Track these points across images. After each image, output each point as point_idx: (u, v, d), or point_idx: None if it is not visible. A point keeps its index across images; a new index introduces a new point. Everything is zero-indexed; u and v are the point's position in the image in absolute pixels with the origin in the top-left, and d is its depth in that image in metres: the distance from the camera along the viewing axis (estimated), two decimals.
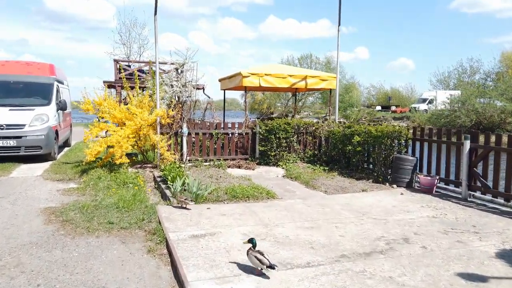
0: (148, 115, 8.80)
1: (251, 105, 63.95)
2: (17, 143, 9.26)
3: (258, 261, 3.38)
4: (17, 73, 10.72)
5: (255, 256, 3.41)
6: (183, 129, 9.29)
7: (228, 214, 5.46)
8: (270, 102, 65.82)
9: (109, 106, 8.92)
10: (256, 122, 9.92)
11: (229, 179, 7.88)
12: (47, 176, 8.28)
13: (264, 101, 69.78)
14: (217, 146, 9.82)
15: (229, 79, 11.70)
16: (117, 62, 20.26)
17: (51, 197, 6.63)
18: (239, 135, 9.96)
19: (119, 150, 8.29)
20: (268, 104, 68.89)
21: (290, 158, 9.77)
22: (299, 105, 64.53)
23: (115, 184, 7.40)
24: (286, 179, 8.23)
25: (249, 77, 10.30)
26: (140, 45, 28.71)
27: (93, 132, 8.63)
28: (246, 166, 9.38)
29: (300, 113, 54.22)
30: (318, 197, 6.62)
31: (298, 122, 9.95)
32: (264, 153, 9.78)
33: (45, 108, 10.06)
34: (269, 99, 68.38)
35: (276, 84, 10.60)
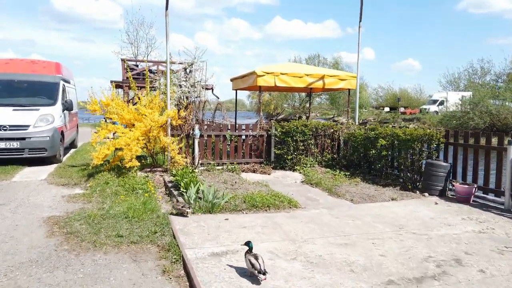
0: (158, 116, 8.29)
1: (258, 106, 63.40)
2: (20, 145, 8.81)
3: (251, 265, 3.37)
4: (21, 72, 10.28)
5: (249, 260, 3.41)
6: (195, 131, 8.78)
7: (249, 227, 4.92)
8: (277, 103, 65.26)
9: (117, 106, 8.43)
10: (271, 123, 9.38)
11: (245, 185, 7.34)
12: (51, 181, 7.80)
13: (271, 102, 69.25)
14: (231, 149, 9.28)
15: (241, 78, 11.17)
16: (125, 62, 19.85)
17: (55, 204, 6.14)
18: (253, 138, 9.42)
19: (129, 153, 7.79)
20: (275, 105, 68.36)
21: (307, 162, 9.21)
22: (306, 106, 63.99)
23: (123, 190, 6.90)
24: (305, 185, 7.67)
25: (264, 76, 9.76)
26: (147, 45, 28.35)
27: (101, 134, 8.14)
28: (261, 171, 8.84)
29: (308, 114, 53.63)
30: (345, 206, 6.06)
31: (316, 124, 9.39)
32: (279, 156, 9.24)
33: (51, 108, 9.60)
34: (275, 100, 67.82)
35: (292, 84, 10.05)
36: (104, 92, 8.54)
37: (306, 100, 68.76)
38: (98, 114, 8.67)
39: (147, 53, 27.93)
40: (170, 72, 8.90)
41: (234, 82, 12.23)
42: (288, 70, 10.08)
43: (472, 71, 54.78)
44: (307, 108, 63.15)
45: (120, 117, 8.44)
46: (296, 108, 64.00)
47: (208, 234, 4.59)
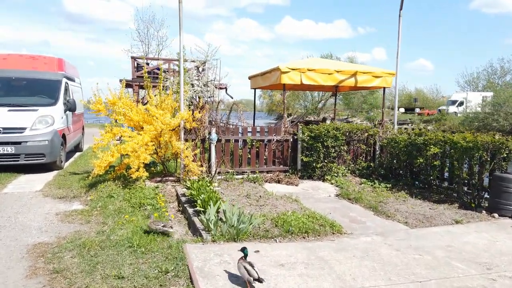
0: (170, 118, 7.21)
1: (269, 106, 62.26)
2: (15, 150, 7.80)
3: (246, 272, 3.22)
4: (20, 68, 9.31)
5: (244, 266, 3.26)
6: (212, 135, 7.67)
7: (288, 264, 3.77)
8: (289, 103, 63.90)
9: (124, 106, 7.37)
10: (298, 126, 8.22)
11: (272, 200, 6.20)
12: (47, 192, 6.77)
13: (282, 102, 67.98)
14: (252, 156, 8.15)
15: (262, 76, 10.03)
16: (135, 60, 18.90)
17: (46, 225, 5.08)
18: (276, 143, 8.27)
19: (136, 161, 6.72)
20: (287, 105, 66.95)
21: (339, 171, 8.03)
22: (319, 107, 62.55)
23: (128, 206, 5.82)
24: (343, 201, 6.49)
25: (289, 72, 8.61)
26: (158, 43, 27.39)
27: (104, 139, 7.08)
28: (287, 181, 7.69)
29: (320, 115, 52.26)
30: (401, 232, 4.87)
31: (349, 127, 8.20)
32: (307, 164, 8.08)
33: (51, 108, 8.60)
34: (287, 100, 66.45)
35: (321, 82, 8.88)
36: (110, 89, 7.48)
37: (318, 101, 67.43)
38: (103, 114, 7.62)
39: (158, 52, 26.97)
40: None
41: (252, 80, 11.10)
42: (315, 66, 8.91)
43: (491, 71, 52.83)
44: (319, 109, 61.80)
45: (128, 119, 7.38)
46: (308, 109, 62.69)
47: (236, 277, 3.46)
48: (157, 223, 4.58)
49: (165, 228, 4.52)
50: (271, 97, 65.39)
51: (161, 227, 4.52)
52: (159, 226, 4.53)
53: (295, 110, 66.66)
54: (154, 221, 4.62)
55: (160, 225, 4.54)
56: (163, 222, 4.65)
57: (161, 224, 4.55)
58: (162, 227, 4.52)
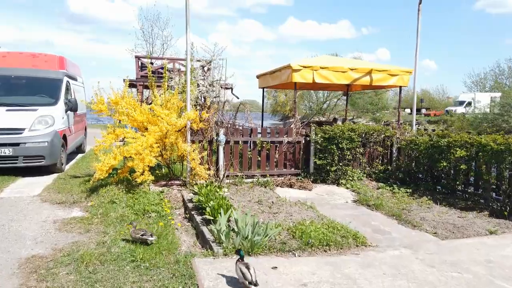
0: (176, 119, 6.79)
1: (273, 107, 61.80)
2: (13, 152, 7.41)
3: (242, 274, 3.09)
4: (20, 66, 8.93)
5: (240, 269, 3.15)
6: (220, 136, 7.24)
7: (311, 285, 3.33)
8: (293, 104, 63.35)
9: (127, 105, 6.96)
10: (311, 127, 7.78)
11: (286, 206, 5.77)
12: (46, 197, 6.36)
13: (286, 103, 67.48)
14: (262, 158, 7.72)
15: (271, 74, 9.60)
16: (139, 59, 18.54)
17: (42, 234, 4.67)
18: (288, 144, 7.83)
19: (140, 164, 6.31)
20: (291, 106, 66.49)
21: (354, 174, 7.58)
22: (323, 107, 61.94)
23: (132, 213, 5.41)
24: (362, 207, 6.04)
25: (300, 70, 8.18)
26: (163, 42, 27.02)
27: (107, 140, 6.68)
28: (300, 185, 7.25)
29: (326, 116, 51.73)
30: (430, 244, 4.42)
31: (366, 129, 7.74)
32: (320, 167, 7.63)
33: (51, 108, 8.20)
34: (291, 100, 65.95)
35: (334, 80, 8.44)
36: (113, 88, 7.07)
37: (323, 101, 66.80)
38: (105, 115, 7.22)
39: (163, 51, 26.62)
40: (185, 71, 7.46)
41: (261, 79, 10.67)
42: (328, 63, 8.48)
43: (499, 71, 52.15)
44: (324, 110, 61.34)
45: (131, 119, 6.97)
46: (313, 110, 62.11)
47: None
48: (137, 231, 4.25)
49: (144, 236, 4.18)
50: (275, 97, 64.81)
51: (140, 236, 4.19)
52: (138, 235, 4.21)
53: (299, 110, 66.17)
54: (135, 230, 4.28)
55: (139, 234, 4.21)
56: (144, 230, 4.31)
57: (141, 232, 4.23)
58: (141, 236, 4.19)
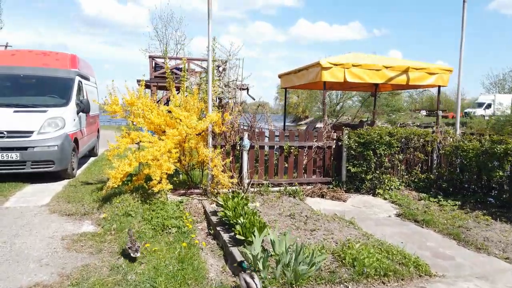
0: (197, 121, 6.15)
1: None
2: (21, 157, 6.86)
3: (245, 283, 2.94)
4: (29, 65, 8.41)
5: (244, 278, 2.99)
6: (244, 141, 6.58)
7: None
8: (306, 106, 62.42)
9: (144, 106, 6.35)
10: (343, 131, 7.06)
11: (322, 222, 5.07)
12: (55, 207, 5.77)
13: (299, 105, 66.53)
14: (289, 165, 7.03)
15: (296, 74, 8.91)
16: (153, 59, 18.01)
17: (48, 254, 4.06)
18: (317, 149, 7.13)
19: (158, 171, 5.68)
20: (303, 108, 65.43)
21: (392, 183, 6.84)
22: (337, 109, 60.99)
23: (149, 228, 4.77)
24: (410, 224, 5.30)
25: (331, 68, 7.47)
26: (177, 42, 26.52)
27: (121, 145, 6.07)
28: (332, 195, 6.54)
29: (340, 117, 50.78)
30: (508, 274, 3.67)
31: (405, 133, 6.99)
32: (354, 175, 6.90)
33: (61, 109, 7.65)
34: (304, 102, 64.90)
35: (366, 79, 7.71)
36: (128, 88, 6.47)
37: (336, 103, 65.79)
38: (119, 116, 6.62)
39: (176, 51, 26.11)
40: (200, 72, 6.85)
41: (284, 78, 9.99)
42: (361, 61, 7.75)
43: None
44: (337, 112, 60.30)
45: (147, 121, 6.36)
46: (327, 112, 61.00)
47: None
48: (127, 242, 3.93)
49: (129, 250, 3.82)
50: (288, 99, 64.01)
51: (127, 248, 3.86)
52: (126, 246, 3.90)
53: (312, 113, 65.22)
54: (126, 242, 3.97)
55: (126, 246, 3.89)
56: (133, 242, 3.91)
57: (128, 244, 3.88)
58: (127, 248, 3.86)
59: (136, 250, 3.82)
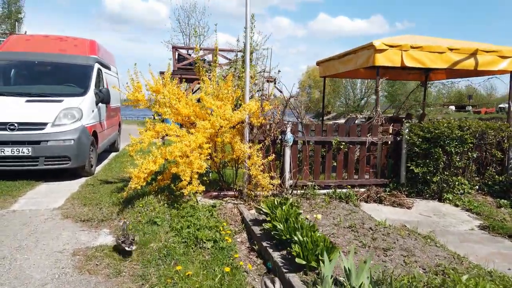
0: (231, 112, 5.21)
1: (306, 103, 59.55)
2: (33, 152, 6.08)
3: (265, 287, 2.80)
4: (45, 51, 7.65)
5: (264, 282, 2.84)
6: (287, 135, 5.59)
7: None
8: (328, 101, 60.65)
9: (170, 95, 5.45)
10: (403, 124, 5.97)
11: (394, 236, 4.03)
12: (68, 211, 4.94)
13: (320, 100, 64.81)
14: (338, 163, 5.99)
15: (340, 59, 7.83)
16: (176, 50, 17.20)
17: (54, 277, 3.19)
18: (371, 146, 6.07)
19: (188, 170, 4.77)
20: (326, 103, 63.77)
21: (464, 187, 5.72)
22: (361, 104, 59.13)
23: (179, 241, 3.86)
24: (503, 240, 4.19)
25: (386, 51, 6.38)
26: (200, 33, 25.67)
27: (145, 138, 5.19)
28: (392, 201, 5.47)
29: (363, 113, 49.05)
30: None
31: (480, 126, 5.84)
32: (415, 176, 5.81)
33: (79, 99, 6.84)
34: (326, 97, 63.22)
35: (428, 63, 6.57)
36: (152, 73, 5.58)
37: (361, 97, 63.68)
38: (142, 106, 5.73)
39: (200, 43, 25.28)
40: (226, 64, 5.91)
41: (323, 65, 8.92)
42: (421, 42, 6.62)
43: None
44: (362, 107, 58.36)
45: (175, 112, 5.46)
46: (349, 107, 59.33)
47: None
48: (120, 236, 3.64)
49: (123, 245, 3.54)
50: (309, 94, 62.48)
51: (120, 242, 3.58)
52: (119, 241, 3.60)
53: (335, 108, 63.48)
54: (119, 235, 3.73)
55: (120, 240, 3.59)
56: (127, 234, 3.64)
57: (122, 238, 3.60)
58: (121, 242, 3.57)
59: (131, 243, 3.57)
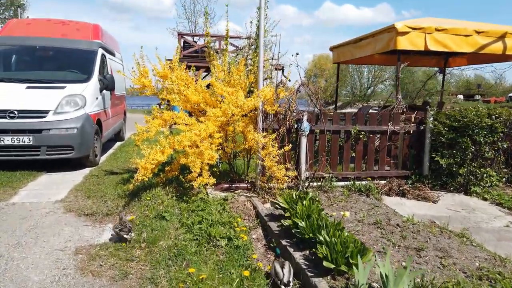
0: (243, 99, 4.84)
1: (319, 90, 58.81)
2: (34, 141, 5.78)
3: (274, 273, 2.77)
4: (47, 35, 7.29)
5: (274, 267, 2.82)
6: (304, 123, 5.22)
7: None
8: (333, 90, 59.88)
9: (178, 81, 5.09)
10: (427, 112, 5.57)
11: (425, 235, 3.68)
12: (71, 204, 4.65)
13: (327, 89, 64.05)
14: (357, 154, 5.62)
15: (356, 44, 7.40)
16: (182, 36, 16.77)
17: (54, 279, 2.89)
18: (392, 135, 5.69)
19: (198, 161, 4.44)
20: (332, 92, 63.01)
21: (492, 179, 5.34)
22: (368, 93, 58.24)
23: (190, 239, 3.54)
24: None
25: (408, 33, 5.96)
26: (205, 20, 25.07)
27: (152, 127, 4.86)
28: (416, 194, 5.11)
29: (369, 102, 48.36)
30: None
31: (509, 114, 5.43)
32: (438, 168, 5.44)
33: (82, 86, 6.51)
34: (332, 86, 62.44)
35: (452, 46, 6.14)
36: (159, 57, 5.22)
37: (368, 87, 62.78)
38: (149, 92, 5.39)
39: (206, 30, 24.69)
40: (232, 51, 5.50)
41: (337, 51, 8.49)
42: (446, 25, 6.18)
43: None
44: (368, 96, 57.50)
45: (183, 99, 5.11)
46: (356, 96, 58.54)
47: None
48: (117, 225, 3.53)
49: (121, 232, 3.45)
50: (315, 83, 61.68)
51: (117, 231, 3.48)
52: (117, 229, 3.49)
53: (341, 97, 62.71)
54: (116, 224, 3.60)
55: (118, 229, 3.49)
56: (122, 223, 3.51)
57: (119, 227, 3.49)
58: (118, 231, 3.47)
59: (129, 230, 3.48)
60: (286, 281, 2.67)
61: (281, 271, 2.74)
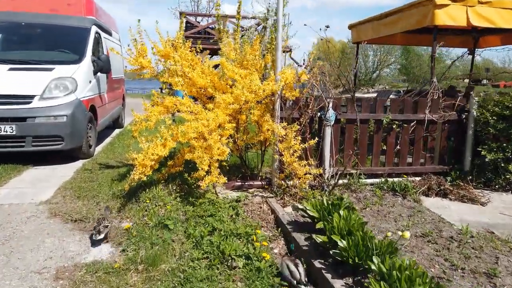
0: (259, 83, 4.08)
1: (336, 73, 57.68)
2: (18, 131, 5.05)
3: (289, 272, 2.58)
4: (34, 11, 6.49)
5: (287, 265, 2.61)
6: (329, 112, 4.46)
7: None
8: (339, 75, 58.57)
9: (183, 61, 4.33)
10: (470, 98, 4.80)
11: (491, 252, 2.98)
12: (58, 206, 3.95)
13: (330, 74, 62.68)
14: (389, 147, 4.88)
15: (382, 20, 6.57)
16: (184, 16, 15.79)
17: None
18: (430, 126, 4.93)
19: (205, 156, 3.71)
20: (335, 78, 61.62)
21: None
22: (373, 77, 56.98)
23: (200, 257, 2.85)
24: None
25: (447, 7, 5.14)
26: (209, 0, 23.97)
27: (151, 115, 4.13)
28: (462, 195, 4.38)
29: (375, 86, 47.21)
30: None
31: None
32: (484, 163, 4.71)
33: (73, 67, 5.75)
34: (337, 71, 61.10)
35: (498, 22, 5.33)
36: (160, 32, 4.44)
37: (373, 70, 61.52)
38: (148, 74, 4.62)
39: (209, 10, 23.61)
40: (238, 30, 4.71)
41: (357, 29, 7.65)
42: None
43: None
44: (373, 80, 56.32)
45: (188, 83, 4.35)
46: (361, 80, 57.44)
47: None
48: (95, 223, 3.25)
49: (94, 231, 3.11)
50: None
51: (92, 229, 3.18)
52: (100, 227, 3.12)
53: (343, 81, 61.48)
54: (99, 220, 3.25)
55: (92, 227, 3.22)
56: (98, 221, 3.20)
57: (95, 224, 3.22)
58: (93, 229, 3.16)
59: (100, 231, 3.06)
60: (304, 280, 2.54)
61: (296, 270, 2.58)
